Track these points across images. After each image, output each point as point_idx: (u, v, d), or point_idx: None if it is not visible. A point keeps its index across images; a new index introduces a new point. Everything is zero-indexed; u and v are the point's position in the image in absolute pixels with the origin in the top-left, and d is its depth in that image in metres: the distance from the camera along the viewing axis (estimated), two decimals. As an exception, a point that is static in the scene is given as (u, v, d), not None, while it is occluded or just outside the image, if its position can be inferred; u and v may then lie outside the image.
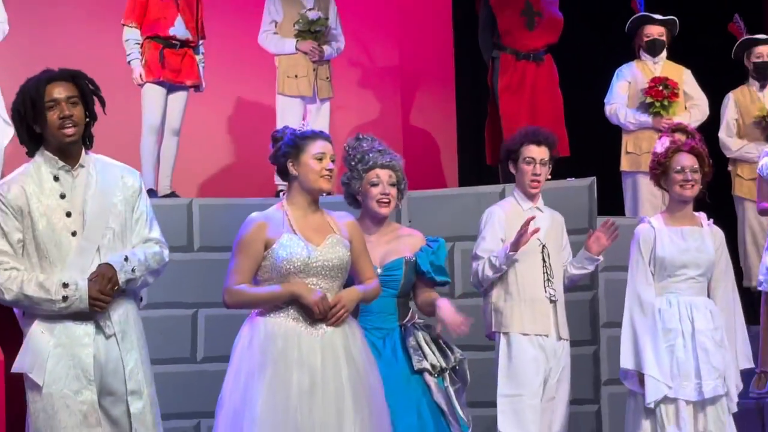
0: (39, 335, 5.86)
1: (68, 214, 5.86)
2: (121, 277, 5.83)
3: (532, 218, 7.54)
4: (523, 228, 7.48)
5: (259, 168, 11.53)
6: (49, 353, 5.82)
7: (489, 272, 7.60)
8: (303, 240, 6.07)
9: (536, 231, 7.53)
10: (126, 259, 5.85)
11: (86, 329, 5.84)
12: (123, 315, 5.91)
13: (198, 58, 10.24)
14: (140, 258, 5.91)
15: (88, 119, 5.92)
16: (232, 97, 11.98)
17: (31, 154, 5.94)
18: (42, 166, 5.89)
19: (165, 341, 9.06)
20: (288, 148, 6.23)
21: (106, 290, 5.78)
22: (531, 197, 7.80)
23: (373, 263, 6.46)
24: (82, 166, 5.93)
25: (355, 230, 6.28)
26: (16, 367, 5.89)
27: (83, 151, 5.95)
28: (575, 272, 7.79)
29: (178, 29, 10.09)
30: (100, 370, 5.84)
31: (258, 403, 5.91)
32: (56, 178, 5.89)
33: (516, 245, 7.51)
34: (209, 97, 11.02)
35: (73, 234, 5.84)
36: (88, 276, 5.79)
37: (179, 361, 9.27)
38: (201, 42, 10.28)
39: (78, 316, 5.82)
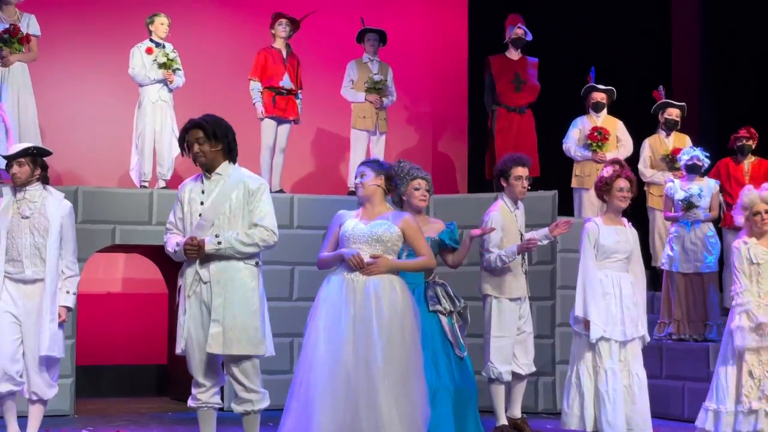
0: (178, 277, 6.01)
1: (202, 203, 5.94)
2: (207, 247, 5.81)
3: (535, 242, 7.53)
4: (530, 243, 7.50)
5: (337, 175, 11.65)
6: (179, 285, 5.97)
7: (499, 263, 7.52)
8: (358, 221, 6.03)
9: (534, 246, 7.52)
10: (217, 236, 5.84)
11: (191, 274, 5.88)
12: (219, 270, 5.86)
13: (298, 101, 10.17)
14: (232, 237, 5.84)
15: (220, 148, 5.94)
16: (321, 128, 11.84)
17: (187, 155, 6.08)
18: (199, 176, 6.04)
19: (274, 286, 9.12)
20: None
21: (193, 250, 5.80)
22: (516, 203, 7.79)
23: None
24: (219, 174, 5.96)
25: (407, 222, 6.06)
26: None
27: (223, 163, 5.95)
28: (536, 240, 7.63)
29: (285, 82, 10.03)
30: (205, 302, 5.87)
31: (314, 325, 5.87)
32: (202, 181, 6.00)
33: (522, 250, 7.51)
34: (306, 129, 11.02)
35: (200, 215, 5.91)
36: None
37: (282, 299, 9.27)
38: (300, 90, 10.21)
39: (189, 265, 5.89)
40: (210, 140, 5.90)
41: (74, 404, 8.74)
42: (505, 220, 7.62)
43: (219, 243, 5.83)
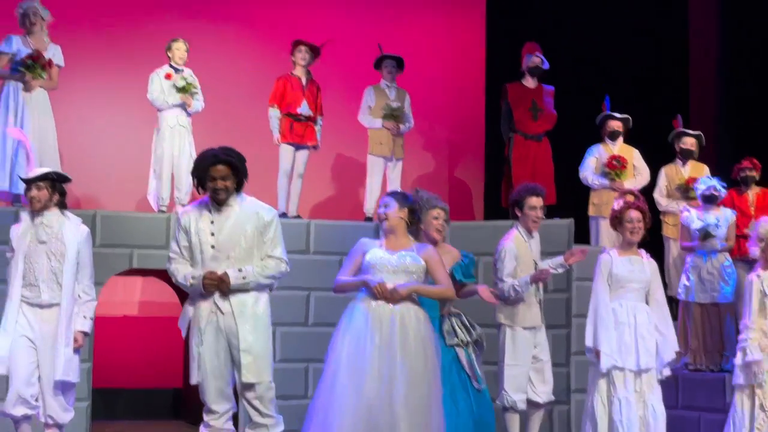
0: (187, 307, 6.03)
1: (212, 234, 5.93)
2: (233, 281, 5.85)
3: (548, 272, 7.51)
4: (543, 273, 7.47)
5: (354, 200, 11.66)
6: (189, 319, 5.98)
7: (512, 293, 7.50)
8: (383, 250, 6.08)
9: (547, 277, 7.51)
10: (240, 270, 5.88)
11: (207, 306, 5.91)
12: (240, 301, 5.91)
13: (317, 128, 10.19)
14: (252, 270, 5.90)
15: (237, 183, 5.97)
16: (338, 154, 11.88)
17: (201, 193, 6.05)
18: (206, 203, 6.02)
19: (289, 311, 9.14)
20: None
21: (216, 283, 5.83)
22: (530, 232, 7.77)
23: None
24: (230, 206, 5.96)
25: (430, 254, 6.15)
26: (178, 323, 6.10)
27: (234, 195, 5.97)
28: (549, 270, 7.61)
29: (304, 109, 10.05)
30: (224, 331, 5.89)
31: (338, 349, 5.92)
32: (210, 212, 5.98)
33: (534, 280, 7.49)
34: (323, 154, 11.03)
35: (212, 246, 5.91)
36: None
37: (297, 324, 9.25)
38: (319, 117, 10.23)
39: (203, 297, 5.90)
40: (233, 177, 5.93)
41: (90, 427, 8.74)
42: (519, 250, 7.61)
43: (244, 278, 5.88)
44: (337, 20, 11.86)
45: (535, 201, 7.65)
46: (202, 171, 5.95)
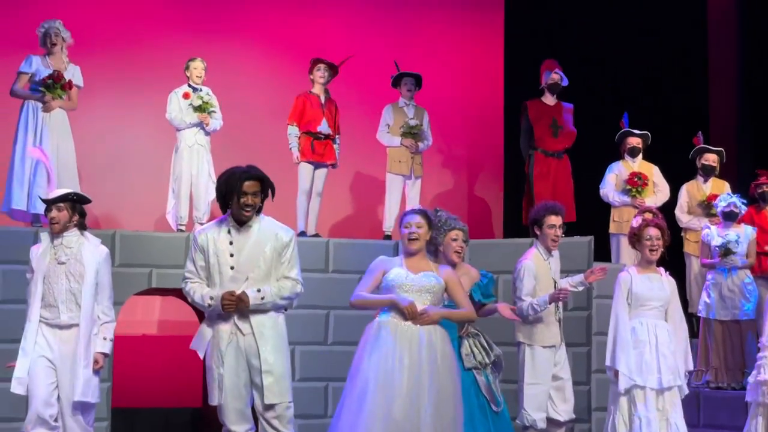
0: (205, 328, 6.02)
1: (231, 255, 5.93)
2: (251, 301, 5.85)
3: (567, 292, 7.49)
4: (562, 293, 7.44)
5: (373, 219, 11.67)
6: (207, 341, 5.98)
7: (531, 312, 7.45)
8: (405, 270, 6.08)
9: (566, 296, 7.48)
10: (258, 290, 5.88)
11: (227, 328, 5.91)
12: (260, 322, 5.92)
13: (335, 146, 10.21)
14: (271, 291, 5.91)
15: (261, 203, 6.00)
16: (357, 172, 11.90)
17: (224, 212, 6.04)
18: (224, 222, 6.01)
19: (308, 330, 9.13)
20: (399, 223, 6.30)
21: (235, 304, 5.82)
22: (550, 251, 7.76)
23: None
24: (249, 226, 5.97)
25: (449, 275, 6.18)
26: (191, 345, 6.08)
27: (255, 215, 5.98)
28: (569, 288, 7.60)
29: (323, 127, 10.07)
30: (244, 352, 5.89)
31: (365, 368, 5.89)
32: (229, 232, 5.97)
33: (553, 300, 7.45)
34: (342, 173, 11.04)
35: (231, 268, 5.91)
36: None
37: (316, 343, 9.21)
38: (337, 135, 10.26)
39: (223, 318, 5.90)
40: (260, 196, 5.97)
41: (109, 447, 8.78)
42: (537, 269, 7.58)
43: (263, 299, 5.89)
44: (355, 38, 11.90)
45: (555, 219, 7.63)
46: (232, 186, 5.92)
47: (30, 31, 9.54)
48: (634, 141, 10.36)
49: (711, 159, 10.21)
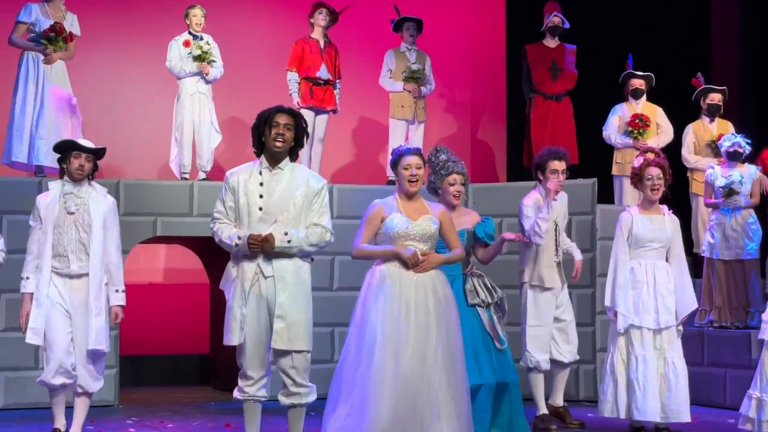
0: (230, 269, 6.01)
1: (261, 196, 5.94)
2: (277, 243, 5.85)
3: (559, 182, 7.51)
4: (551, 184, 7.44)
5: (376, 165, 11.70)
6: (232, 281, 5.96)
7: (537, 228, 7.41)
8: (405, 217, 6.06)
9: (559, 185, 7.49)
10: (286, 233, 5.88)
11: (252, 268, 5.91)
12: (282, 266, 5.92)
13: (336, 92, 10.21)
14: (299, 235, 5.90)
15: (294, 143, 6.02)
16: (358, 118, 11.90)
17: (258, 155, 6.05)
18: (256, 164, 6.03)
19: (314, 276, 9.12)
20: (392, 160, 6.26)
21: (261, 244, 5.82)
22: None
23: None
24: (281, 169, 5.99)
25: (443, 215, 6.15)
26: (220, 285, 6.08)
27: (287, 159, 6.01)
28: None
29: (323, 72, 10.09)
30: (265, 297, 5.91)
31: (373, 320, 5.87)
32: (260, 173, 6.00)
33: (550, 194, 7.41)
34: (344, 118, 11.06)
35: (260, 209, 5.92)
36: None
37: (322, 289, 9.27)
38: (338, 80, 10.25)
39: (248, 258, 5.89)
40: (292, 132, 5.98)
41: (118, 394, 8.87)
42: (538, 207, 7.61)
43: (289, 242, 5.89)
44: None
45: (557, 165, 7.63)
46: (265, 118, 5.97)
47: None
48: (638, 83, 10.36)
49: (716, 98, 10.20)
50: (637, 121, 10.18)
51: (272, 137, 5.93)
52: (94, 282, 6.59)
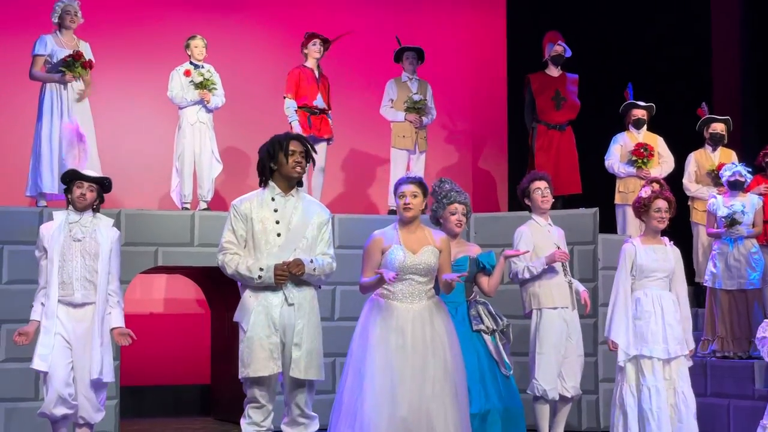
0: (248, 298, 5.88)
1: (277, 222, 5.89)
2: (307, 269, 5.82)
3: (564, 254, 7.54)
4: (557, 254, 7.51)
5: (378, 195, 11.71)
6: (253, 310, 5.85)
7: (527, 275, 7.55)
8: (405, 250, 6.00)
9: (564, 257, 7.53)
10: (312, 261, 5.86)
11: (277, 297, 5.84)
12: (302, 294, 5.89)
13: (330, 120, 10.20)
14: (321, 263, 5.89)
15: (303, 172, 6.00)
16: (353, 148, 11.89)
17: (264, 184, 5.97)
18: (266, 191, 5.96)
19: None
20: (394, 191, 6.25)
21: (291, 270, 5.75)
22: (544, 215, 7.76)
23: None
24: (293, 196, 5.96)
25: (445, 244, 6.11)
26: (235, 317, 5.94)
27: (296, 188, 6.00)
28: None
29: (319, 101, 10.10)
30: (283, 325, 5.85)
31: (370, 352, 5.85)
32: (273, 199, 5.95)
33: (551, 260, 7.52)
34: (338, 148, 11.00)
35: (278, 235, 5.87)
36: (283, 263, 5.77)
37: (323, 319, 8.95)
38: (329, 111, 10.21)
39: (271, 288, 5.81)
40: (304, 160, 5.96)
41: (119, 425, 8.82)
42: (535, 236, 7.65)
43: (314, 269, 5.85)
44: (355, 12, 11.91)
45: (539, 183, 7.74)
46: (278, 148, 5.90)
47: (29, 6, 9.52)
48: (639, 113, 10.41)
49: (719, 128, 10.23)
50: (641, 150, 10.19)
51: (291, 165, 5.88)
52: (99, 311, 6.60)
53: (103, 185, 6.82)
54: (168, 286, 11.13)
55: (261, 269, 5.80)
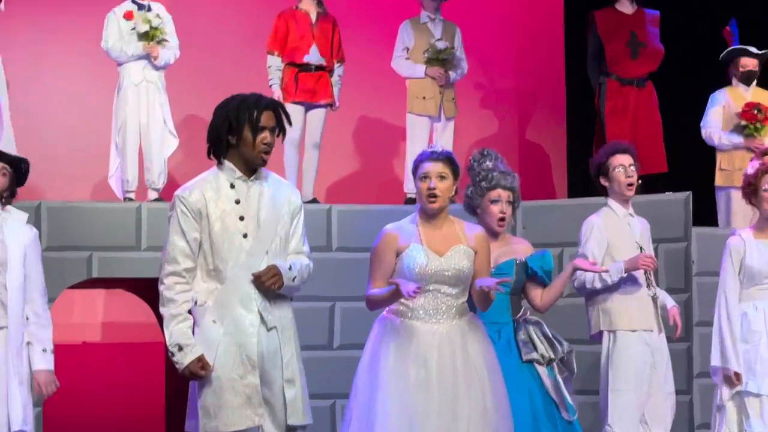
0: (211, 324, 5.74)
1: (241, 218, 5.76)
2: (285, 280, 5.71)
3: (652, 260, 7.49)
4: (642, 260, 7.40)
5: (390, 178, 11.69)
6: (219, 341, 5.72)
7: (598, 284, 7.41)
8: (428, 250, 5.98)
9: (651, 265, 7.45)
10: (290, 267, 5.75)
11: (252, 320, 5.72)
12: (283, 313, 5.81)
13: (333, 80, 10.26)
14: (299, 268, 5.77)
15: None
16: (367, 114, 11.98)
17: (219, 159, 5.81)
18: (221, 174, 5.79)
19: (308, 329, 9.10)
20: (413, 169, 6.19)
21: (266, 283, 5.67)
22: (625, 202, 7.68)
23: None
24: (257, 179, 5.83)
25: (483, 242, 6.10)
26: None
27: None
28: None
29: (313, 56, 10.15)
30: (262, 358, 5.73)
31: (382, 390, 5.87)
32: (232, 186, 5.80)
33: (632, 267, 7.42)
34: (348, 115, 11.12)
35: (244, 236, 5.75)
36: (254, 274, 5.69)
37: (319, 347, 9.30)
38: (339, 65, 10.31)
39: (246, 306, 5.71)
40: (275, 136, 5.86)
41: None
42: (611, 230, 7.58)
43: (294, 279, 5.80)
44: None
45: (622, 158, 7.63)
46: (243, 118, 5.73)
47: None
48: (749, 62, 10.38)
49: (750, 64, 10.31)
50: (753, 112, 10.17)
51: (259, 147, 5.75)
52: (13, 340, 6.58)
53: (18, 168, 6.78)
54: (107, 305, 11.17)
55: (187, 345, 5.65)
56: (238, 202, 5.79)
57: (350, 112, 11.43)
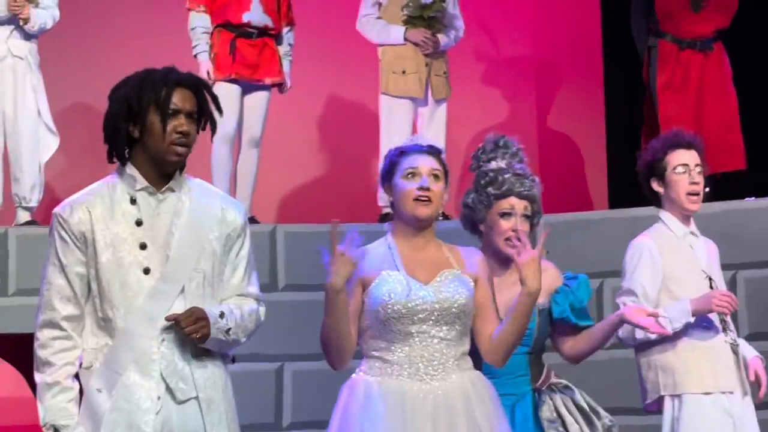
0: (95, 394, 5.69)
1: (142, 246, 5.72)
2: (213, 330, 5.66)
3: (729, 300, 7.41)
4: (717, 299, 7.36)
5: (358, 187, 11.64)
6: (102, 419, 5.67)
7: (654, 334, 7.39)
8: (404, 277, 5.99)
9: (729, 306, 7.40)
10: (222, 315, 5.70)
11: (149, 389, 5.66)
12: (210, 379, 5.75)
13: (283, 50, 10.40)
14: (238, 318, 5.75)
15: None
16: (325, 98, 12.20)
17: (122, 162, 5.76)
18: (118, 184, 5.77)
19: (248, 401, 8.93)
20: (384, 168, 6.20)
21: (185, 329, 5.58)
22: (686, 218, 7.67)
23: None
24: (173, 190, 5.77)
25: (484, 268, 6.17)
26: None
27: (178, 172, 5.80)
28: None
29: (254, 14, 10.29)
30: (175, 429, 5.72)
31: None
32: (133, 201, 5.77)
33: (704, 309, 7.38)
34: (297, 99, 11.16)
35: (146, 271, 5.69)
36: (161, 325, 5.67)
37: (261, 427, 9.32)
38: (288, 30, 10.46)
39: (142, 370, 5.64)
40: (195, 125, 5.77)
41: None
42: (667, 254, 7.55)
43: (228, 329, 5.73)
44: None
45: (683, 155, 7.61)
46: (149, 94, 5.66)
47: None
48: None
49: None
50: None
51: (170, 137, 5.69)
52: None
53: None
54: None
55: (66, 427, 5.63)
56: (139, 223, 5.73)
57: (302, 95, 11.46)
